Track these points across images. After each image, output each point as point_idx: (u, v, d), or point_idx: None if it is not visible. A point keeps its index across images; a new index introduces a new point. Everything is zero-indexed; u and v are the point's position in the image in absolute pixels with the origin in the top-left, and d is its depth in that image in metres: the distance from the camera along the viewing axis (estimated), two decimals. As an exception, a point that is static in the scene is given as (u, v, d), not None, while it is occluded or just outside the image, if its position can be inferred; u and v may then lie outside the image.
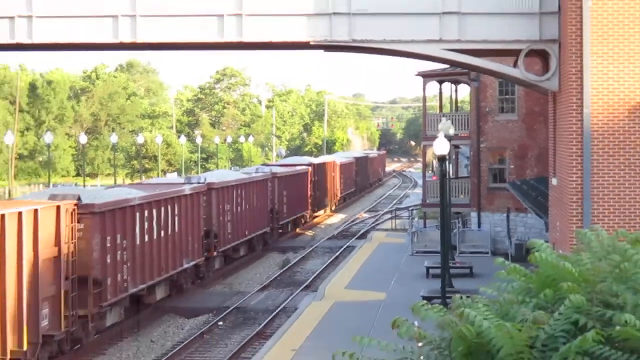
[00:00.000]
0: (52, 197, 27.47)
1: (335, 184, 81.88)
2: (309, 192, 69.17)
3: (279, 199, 58.15)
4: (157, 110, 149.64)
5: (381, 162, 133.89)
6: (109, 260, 28.93)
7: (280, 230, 60.26)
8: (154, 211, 34.01)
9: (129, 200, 31.80)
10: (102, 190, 39.14)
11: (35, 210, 24.30)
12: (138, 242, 32.17)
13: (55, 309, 25.11)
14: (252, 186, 51.33)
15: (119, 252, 30.05)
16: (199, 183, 41.47)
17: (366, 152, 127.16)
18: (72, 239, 26.37)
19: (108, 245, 28.96)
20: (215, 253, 42.74)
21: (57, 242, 25.46)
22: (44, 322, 24.38)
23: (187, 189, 38.72)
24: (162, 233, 34.84)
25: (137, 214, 32.15)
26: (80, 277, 26.88)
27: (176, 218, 36.63)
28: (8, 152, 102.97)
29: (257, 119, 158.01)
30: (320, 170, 74.63)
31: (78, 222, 27.08)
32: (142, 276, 32.58)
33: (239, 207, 47.43)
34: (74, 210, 26.71)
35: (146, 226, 33.09)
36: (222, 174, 52.41)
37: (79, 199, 27.58)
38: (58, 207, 25.57)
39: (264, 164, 79.46)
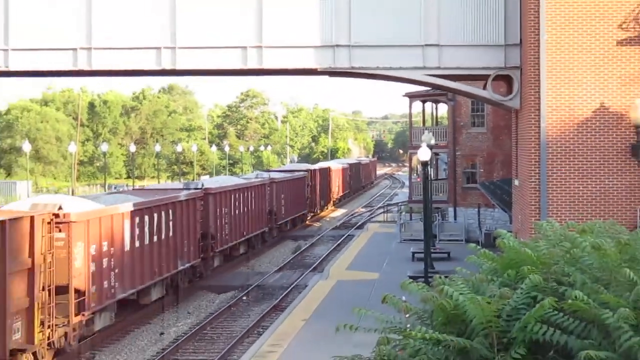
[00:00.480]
0: (33, 206, 23.45)
1: (331, 187, 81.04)
2: (306, 195, 65.49)
3: (277, 201, 53.24)
4: (193, 125, 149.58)
5: (372, 168, 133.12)
6: (93, 268, 24.47)
7: (277, 229, 54.41)
8: (146, 217, 29.33)
9: (116, 208, 27.18)
10: (102, 195, 33.65)
11: (3, 222, 20.03)
12: (128, 248, 27.59)
13: (28, 322, 20.88)
14: (250, 190, 46.12)
15: (106, 259, 25.58)
16: (196, 189, 36.97)
17: (359, 159, 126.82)
18: (49, 249, 21.81)
19: (93, 253, 24.50)
20: (212, 253, 37.94)
21: (31, 254, 21.02)
22: (16, 336, 20.31)
23: (182, 195, 33.96)
24: (156, 238, 30.15)
25: (127, 221, 27.49)
26: (61, 287, 22.51)
27: (170, 223, 31.82)
28: (71, 158, 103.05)
29: (274, 132, 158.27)
30: (316, 175, 70.72)
31: (59, 231, 22.72)
32: (132, 281, 27.89)
33: (237, 210, 42.31)
34: (51, 220, 22.12)
35: (137, 232, 28.44)
36: (221, 180, 48.18)
37: (59, 208, 23.20)
38: (32, 218, 21.14)
39: (267, 170, 76.06)
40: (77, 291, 23.42)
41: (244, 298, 34.45)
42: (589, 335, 7.51)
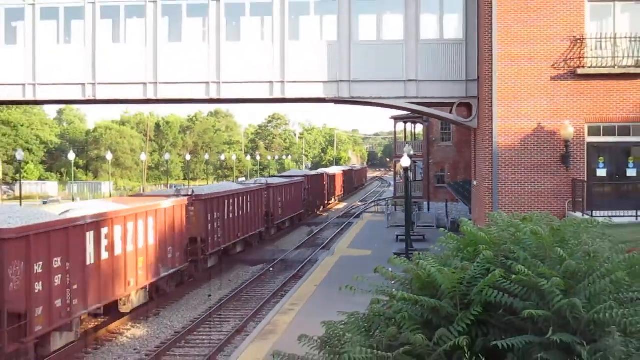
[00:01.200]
0: None
1: (336, 186, 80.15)
2: (303, 197, 57.34)
3: (274, 204, 45.16)
4: (233, 139, 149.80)
5: (364, 173, 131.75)
6: (39, 288, 16.97)
7: (276, 228, 47.15)
8: (117, 227, 21.62)
9: (72, 220, 19.20)
10: (74, 205, 25.29)
11: None
12: (92, 261, 19.91)
13: None
14: (245, 195, 37.53)
15: (58, 276, 17.94)
16: (185, 196, 29.55)
17: (353, 166, 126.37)
18: None
19: (39, 271, 17.03)
20: (203, 256, 30.31)
21: None
22: None
23: (162, 204, 26.08)
24: (131, 247, 22.64)
25: (90, 233, 19.80)
26: None
27: (150, 230, 24.27)
28: (142, 165, 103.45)
29: (293, 145, 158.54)
30: (313, 180, 63.74)
31: None
32: (98, 295, 20.28)
33: (231, 214, 34.31)
34: None
35: (105, 243, 20.72)
36: (218, 187, 39.08)
37: None
38: None
39: (272, 176, 71.90)
40: (16, 315, 16.41)
41: (271, 269, 34.45)
42: (529, 298, 7.49)
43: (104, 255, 20.74)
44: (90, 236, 19.89)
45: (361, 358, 7.21)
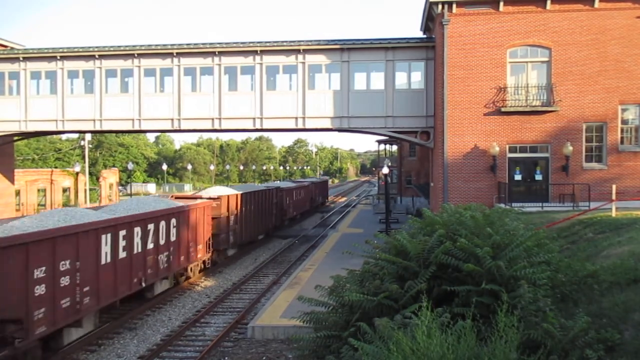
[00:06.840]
0: None
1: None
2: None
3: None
4: (271, 156, 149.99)
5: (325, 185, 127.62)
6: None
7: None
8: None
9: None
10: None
11: None
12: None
13: None
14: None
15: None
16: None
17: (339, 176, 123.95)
18: None
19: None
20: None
21: None
22: None
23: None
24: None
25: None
26: None
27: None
28: (211, 173, 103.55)
29: (311, 159, 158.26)
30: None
31: None
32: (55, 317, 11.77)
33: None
34: None
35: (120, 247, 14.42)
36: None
37: None
38: None
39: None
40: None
41: (296, 241, 34.38)
42: (469, 261, 7.45)
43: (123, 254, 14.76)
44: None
45: (356, 299, 7.20)
